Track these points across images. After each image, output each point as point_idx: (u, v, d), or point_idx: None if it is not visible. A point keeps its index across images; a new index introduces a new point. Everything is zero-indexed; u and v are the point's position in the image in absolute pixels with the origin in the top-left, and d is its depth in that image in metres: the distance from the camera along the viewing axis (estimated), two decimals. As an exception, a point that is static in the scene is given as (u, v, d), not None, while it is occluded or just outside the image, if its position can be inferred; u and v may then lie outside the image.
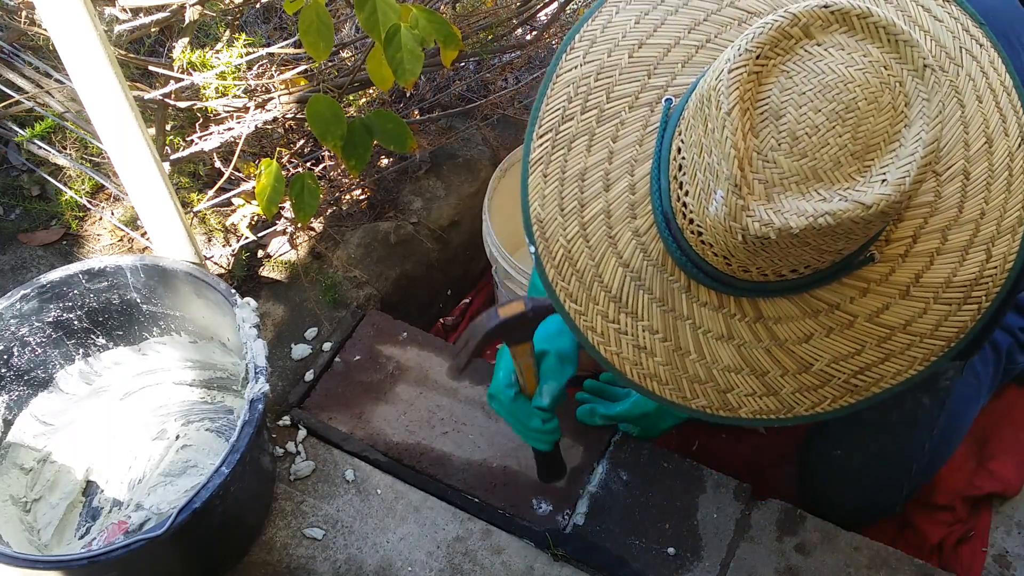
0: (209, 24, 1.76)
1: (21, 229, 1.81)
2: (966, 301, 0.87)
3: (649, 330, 0.92)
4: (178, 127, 1.72)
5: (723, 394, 0.92)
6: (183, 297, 1.43)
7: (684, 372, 0.92)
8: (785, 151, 0.76)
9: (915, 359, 0.89)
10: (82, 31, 1.11)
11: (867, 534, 1.39)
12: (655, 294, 0.91)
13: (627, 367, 0.93)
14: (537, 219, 0.93)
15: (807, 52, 0.77)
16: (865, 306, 0.88)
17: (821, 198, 0.75)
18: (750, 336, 0.90)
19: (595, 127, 0.92)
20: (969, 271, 0.87)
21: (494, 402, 1.27)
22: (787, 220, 0.75)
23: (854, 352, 0.89)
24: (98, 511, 1.42)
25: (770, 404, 0.92)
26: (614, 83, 0.92)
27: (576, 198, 0.92)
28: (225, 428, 1.50)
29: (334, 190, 1.84)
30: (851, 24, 0.77)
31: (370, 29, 1.29)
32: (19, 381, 1.41)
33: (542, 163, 0.93)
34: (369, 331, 1.64)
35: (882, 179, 0.75)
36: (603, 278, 0.92)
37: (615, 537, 1.37)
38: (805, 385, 0.91)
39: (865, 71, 0.76)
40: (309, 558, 1.36)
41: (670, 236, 0.87)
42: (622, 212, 0.91)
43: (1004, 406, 1.62)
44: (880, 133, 0.76)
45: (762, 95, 0.77)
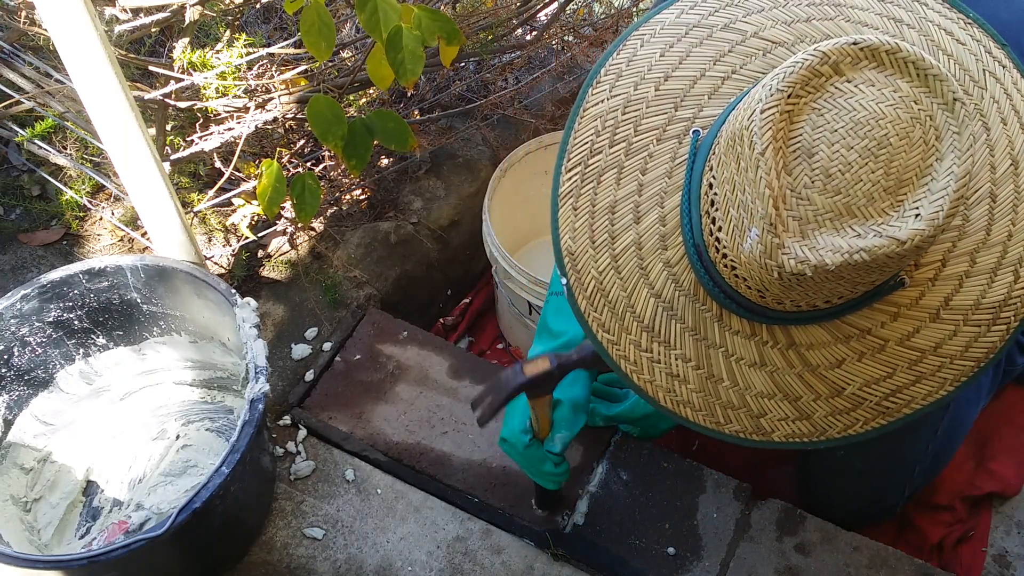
0: (209, 24, 1.76)
1: (21, 229, 1.81)
2: (995, 322, 0.88)
3: (682, 358, 0.93)
4: (178, 127, 1.72)
5: (756, 419, 0.93)
6: (183, 297, 1.43)
7: (717, 399, 0.93)
8: (819, 188, 0.77)
9: (946, 380, 0.90)
10: (82, 31, 1.12)
11: (867, 534, 1.39)
12: (687, 323, 0.92)
13: (660, 395, 0.94)
14: (568, 252, 0.94)
15: (838, 89, 0.78)
16: (896, 330, 0.89)
17: (856, 234, 0.76)
18: (783, 363, 0.91)
19: (624, 160, 0.93)
20: (998, 292, 0.88)
21: (506, 446, 1.29)
22: (823, 257, 0.76)
23: (885, 376, 0.90)
24: (98, 511, 1.42)
25: (803, 428, 0.93)
26: (641, 116, 0.93)
27: (607, 231, 0.93)
28: (225, 428, 1.50)
29: (334, 190, 1.84)
30: (880, 60, 0.78)
31: (371, 29, 1.29)
32: (19, 381, 1.41)
33: (572, 196, 0.94)
34: (370, 330, 1.64)
35: (916, 214, 0.76)
36: (635, 308, 0.93)
37: (615, 537, 1.37)
38: (837, 409, 0.92)
39: (896, 107, 0.77)
40: (309, 558, 1.36)
41: (702, 268, 0.88)
42: (653, 244, 0.92)
43: (1004, 406, 1.62)
44: (912, 168, 0.77)
45: (794, 133, 0.78)
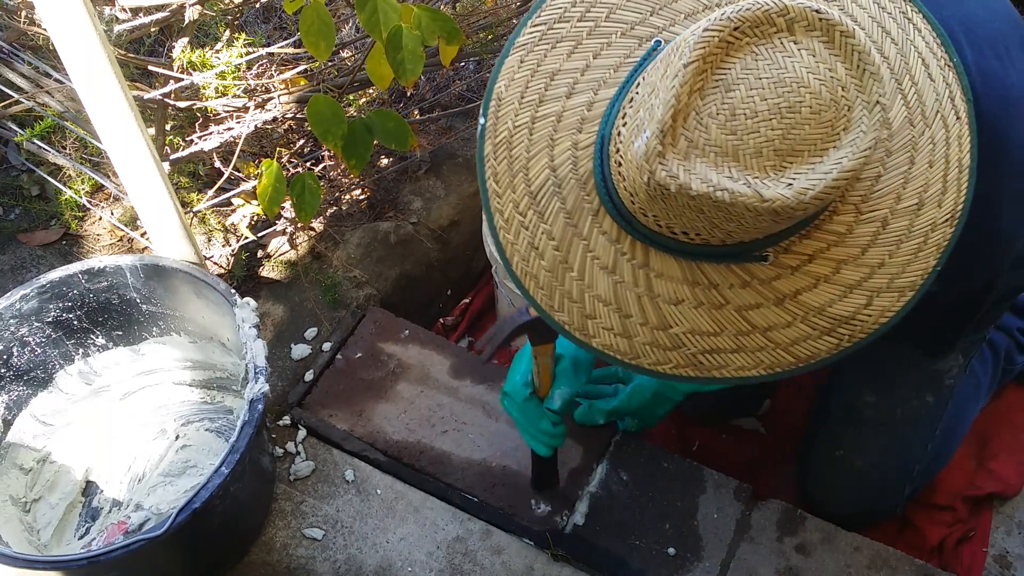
0: (209, 24, 1.76)
1: (21, 229, 1.81)
2: (829, 333, 0.91)
3: (547, 234, 0.95)
4: (178, 127, 1.72)
5: (585, 319, 0.96)
6: (183, 297, 1.43)
7: (560, 284, 0.96)
8: (720, 122, 0.79)
9: (761, 362, 0.93)
10: (82, 31, 1.11)
11: (867, 534, 1.39)
12: (566, 205, 0.95)
13: (516, 259, 0.97)
14: (498, 96, 0.97)
15: (781, 44, 0.80)
16: (740, 297, 0.91)
17: (729, 176, 0.79)
18: (630, 278, 0.93)
19: (584, 38, 0.96)
20: (844, 308, 0.90)
21: (506, 400, 1.30)
22: (690, 180, 0.79)
23: (712, 332, 0.93)
24: (98, 511, 1.42)
25: (621, 344, 0.96)
26: (618, 6, 0.96)
27: (539, 92, 0.96)
28: (225, 428, 1.50)
29: (334, 190, 1.84)
30: (832, 37, 0.80)
31: (371, 29, 1.29)
32: (19, 381, 1.41)
33: (524, 49, 0.97)
34: (371, 328, 1.64)
35: (789, 183, 0.78)
36: (529, 172, 0.96)
37: (615, 537, 1.37)
38: (658, 342, 0.94)
39: (823, 83, 0.79)
40: (309, 558, 1.36)
41: (599, 159, 0.91)
42: (572, 122, 0.95)
43: (1004, 406, 1.62)
44: (810, 143, 0.79)
45: (725, 65, 0.80)
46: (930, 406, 1.37)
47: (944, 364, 1.34)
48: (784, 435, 1.64)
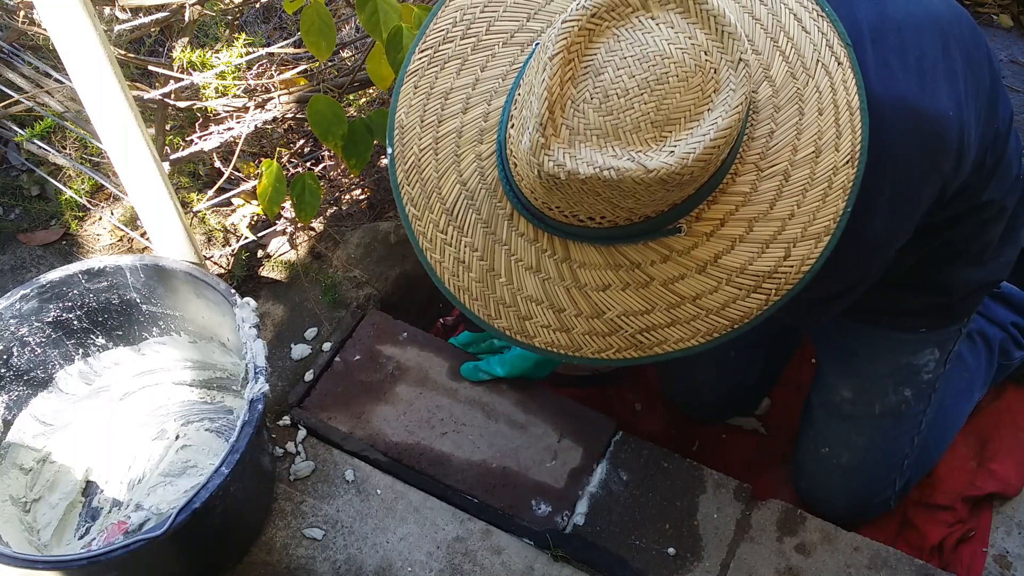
0: (209, 24, 1.76)
1: (21, 229, 1.81)
2: (755, 290, 0.92)
3: (470, 247, 0.98)
4: (178, 127, 1.72)
5: (523, 320, 0.99)
6: (183, 297, 1.43)
7: (493, 292, 0.98)
8: (595, 105, 0.82)
9: (698, 331, 0.95)
10: (82, 31, 1.11)
11: (867, 534, 1.39)
12: (482, 216, 0.97)
13: (446, 276, 1.00)
14: (400, 125, 1.00)
15: (639, 22, 0.83)
16: (663, 271, 0.93)
17: (613, 154, 0.82)
18: (555, 273, 0.96)
19: (469, 54, 0.99)
20: (765, 263, 0.92)
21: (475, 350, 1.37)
22: (577, 166, 0.81)
23: (644, 311, 0.95)
24: (98, 511, 1.42)
25: (562, 339, 0.98)
26: (496, 18, 0.99)
27: (436, 113, 0.99)
28: (225, 428, 1.50)
29: (334, 190, 1.84)
30: (687, 7, 0.83)
31: (371, 29, 1.29)
32: (19, 381, 1.41)
33: (416, 75, 1.00)
34: (369, 331, 1.64)
35: (671, 151, 0.81)
36: (442, 191, 0.99)
37: (615, 537, 1.37)
38: (595, 330, 0.97)
39: (685, 51, 0.82)
40: (309, 558, 1.36)
41: (501, 165, 0.93)
42: (472, 135, 0.97)
43: (1004, 406, 1.62)
44: (683, 110, 0.82)
45: (590, 51, 0.83)
46: (910, 400, 1.37)
47: (919, 358, 1.35)
48: (784, 435, 1.64)
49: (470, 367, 1.54)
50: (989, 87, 1.12)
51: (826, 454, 1.45)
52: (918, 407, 1.39)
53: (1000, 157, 1.17)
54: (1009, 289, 1.63)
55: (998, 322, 1.59)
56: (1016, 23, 2.47)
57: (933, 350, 1.35)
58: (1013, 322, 1.60)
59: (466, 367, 1.54)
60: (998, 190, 1.19)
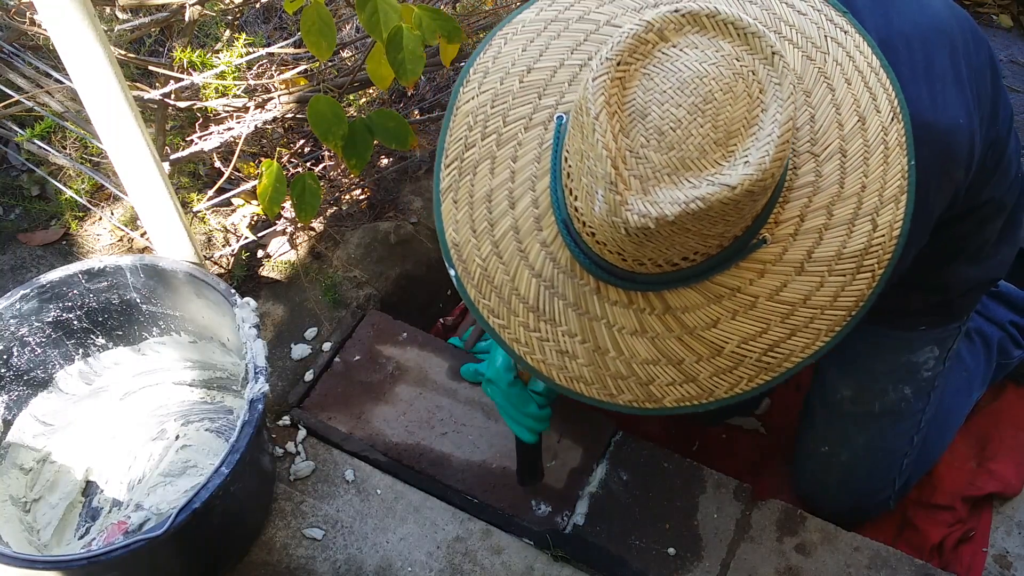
0: (209, 24, 1.76)
1: (21, 229, 1.81)
2: (859, 271, 0.91)
3: (568, 334, 0.96)
4: (178, 127, 1.72)
5: (646, 387, 0.97)
6: (183, 297, 1.43)
7: (607, 370, 0.97)
8: (654, 146, 0.81)
9: (820, 331, 0.93)
10: (82, 31, 1.11)
11: (867, 534, 1.39)
12: (569, 299, 0.96)
13: (553, 372, 0.98)
14: (453, 243, 0.99)
15: (664, 54, 0.83)
16: (764, 286, 0.92)
17: (691, 185, 0.81)
18: (661, 328, 0.94)
19: (496, 151, 0.98)
20: (858, 242, 0.91)
21: (490, 387, 1.31)
22: (662, 209, 0.80)
23: (761, 331, 0.93)
24: (98, 511, 1.42)
25: (691, 391, 0.96)
26: (509, 107, 0.98)
27: (486, 219, 0.98)
28: (225, 428, 1.50)
29: (334, 190, 1.84)
30: (702, 24, 0.83)
31: (371, 30, 1.29)
32: (19, 381, 1.41)
33: (451, 191, 0.99)
34: (369, 331, 1.64)
35: (745, 161, 0.80)
36: (519, 290, 0.97)
37: (615, 537, 1.37)
38: (720, 368, 0.95)
39: (718, 65, 0.82)
40: (309, 558, 1.36)
41: (572, 242, 0.92)
42: (529, 226, 0.96)
43: (1004, 406, 1.62)
44: (739, 120, 0.81)
45: (627, 98, 0.82)
46: (909, 398, 1.38)
47: (919, 356, 1.36)
48: (784, 435, 1.64)
49: (470, 369, 1.53)
50: (991, 91, 1.12)
51: (826, 453, 1.45)
52: (918, 405, 1.39)
53: (1000, 157, 1.17)
54: (1007, 288, 1.63)
55: (996, 321, 1.59)
56: (1016, 23, 2.47)
57: (932, 348, 1.35)
58: (1012, 321, 1.60)
59: (466, 368, 1.54)
60: (997, 189, 1.19)
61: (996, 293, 1.62)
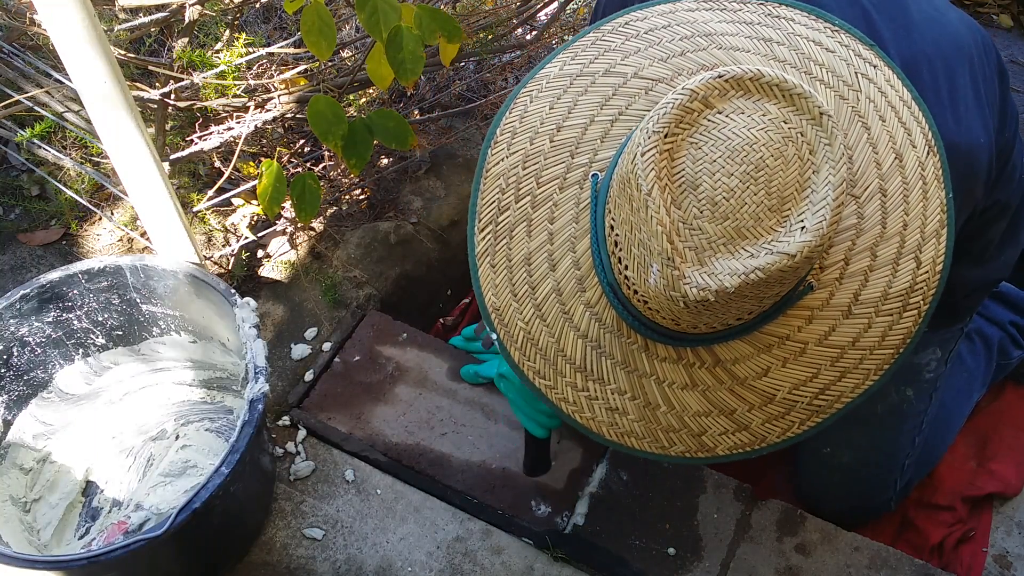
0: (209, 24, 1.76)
1: (21, 229, 1.81)
2: (906, 309, 0.92)
3: (617, 392, 0.96)
4: (178, 127, 1.72)
5: (698, 437, 0.97)
6: (183, 297, 1.43)
7: (657, 424, 0.97)
8: (708, 217, 0.81)
9: (869, 371, 0.93)
10: (82, 31, 1.11)
11: (867, 534, 1.39)
12: (616, 358, 0.96)
13: (604, 429, 0.98)
14: (494, 308, 0.98)
15: (711, 122, 0.82)
16: (813, 332, 0.92)
17: (749, 255, 0.80)
18: (712, 380, 0.94)
19: (531, 213, 0.97)
20: (903, 281, 0.91)
21: (503, 382, 1.31)
22: (722, 281, 0.80)
23: (811, 376, 0.93)
24: (98, 511, 1.42)
25: (743, 439, 0.96)
26: (541, 168, 0.97)
27: (526, 282, 0.97)
28: (225, 428, 1.50)
29: (334, 190, 1.84)
30: (746, 88, 0.82)
31: (371, 30, 1.29)
32: (19, 381, 1.41)
33: (488, 255, 0.98)
34: (369, 331, 1.64)
35: (801, 227, 0.80)
36: (565, 352, 0.97)
37: (615, 537, 1.37)
38: (772, 415, 0.95)
39: (767, 129, 0.81)
40: (309, 558, 1.36)
41: (619, 304, 0.92)
42: (572, 288, 0.96)
43: (1004, 406, 1.63)
44: (792, 184, 0.81)
45: (677, 169, 0.81)
46: (911, 399, 1.38)
47: (921, 357, 1.36)
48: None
49: (470, 371, 1.53)
50: (999, 99, 1.12)
51: (827, 454, 1.45)
52: (919, 406, 1.39)
53: (1007, 161, 1.18)
54: (1007, 289, 1.63)
55: (997, 321, 1.59)
56: (1016, 23, 2.47)
57: (935, 349, 1.35)
58: (1012, 321, 1.60)
59: (465, 370, 1.54)
60: (1003, 192, 1.19)
61: (996, 294, 1.62)
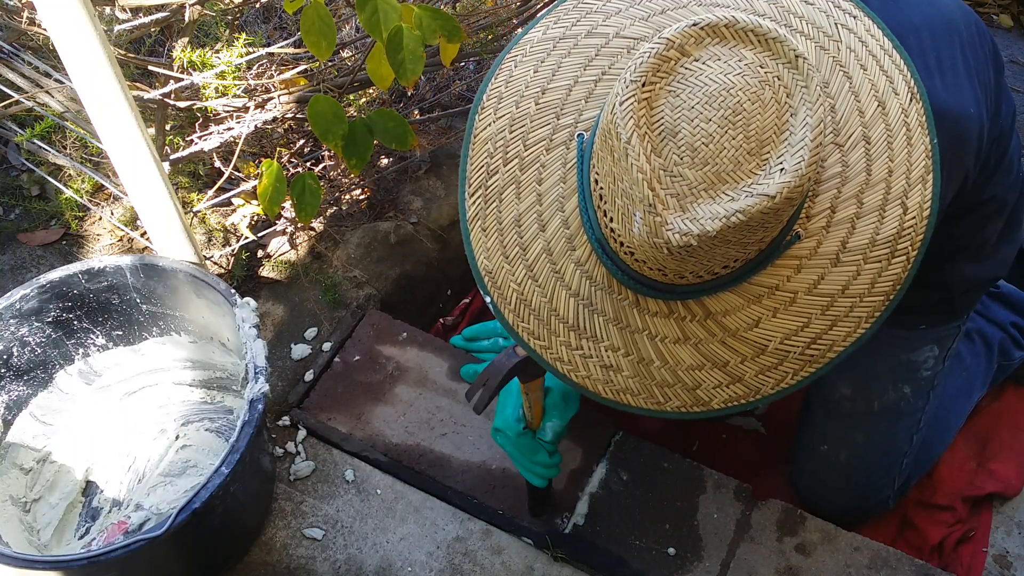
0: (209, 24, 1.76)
1: (21, 229, 1.81)
2: (894, 255, 0.92)
3: (611, 348, 0.97)
4: (178, 127, 1.72)
5: (692, 391, 0.97)
6: (183, 297, 1.43)
7: (652, 380, 0.97)
8: (688, 163, 0.81)
9: (860, 319, 0.94)
10: (82, 31, 1.11)
11: (867, 534, 1.39)
12: (608, 315, 0.96)
13: (599, 387, 0.99)
14: (486, 271, 0.99)
15: (688, 69, 0.83)
16: (803, 281, 0.92)
17: (730, 198, 0.81)
18: (704, 333, 0.95)
19: (519, 175, 0.98)
20: (890, 227, 0.91)
21: (499, 436, 1.31)
22: (703, 225, 0.80)
23: (802, 326, 0.94)
24: (98, 511, 1.42)
25: (738, 391, 0.97)
26: (528, 130, 0.98)
27: (517, 244, 0.98)
28: (225, 428, 1.50)
29: (334, 190, 1.84)
30: (722, 35, 0.83)
31: (371, 30, 1.29)
32: (19, 381, 1.41)
33: (479, 219, 0.99)
34: (369, 331, 1.64)
35: (780, 168, 0.80)
36: (558, 311, 0.97)
37: (615, 537, 1.37)
38: (765, 366, 0.96)
39: (743, 74, 0.82)
40: (309, 558, 1.36)
41: (608, 259, 0.92)
42: (562, 247, 0.96)
43: (1004, 406, 1.62)
44: (770, 127, 0.81)
45: (655, 117, 0.82)
46: (909, 397, 1.38)
47: (918, 355, 1.36)
48: (784, 435, 1.64)
49: (470, 370, 1.53)
50: (994, 85, 1.13)
51: (825, 452, 1.45)
52: (917, 404, 1.39)
53: (1004, 154, 1.18)
54: (1008, 289, 1.63)
55: (997, 322, 1.59)
56: (1016, 23, 2.47)
57: (932, 347, 1.35)
58: (1013, 322, 1.60)
59: (466, 370, 1.54)
60: (1000, 187, 1.19)
61: (997, 294, 1.62)
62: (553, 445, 1.30)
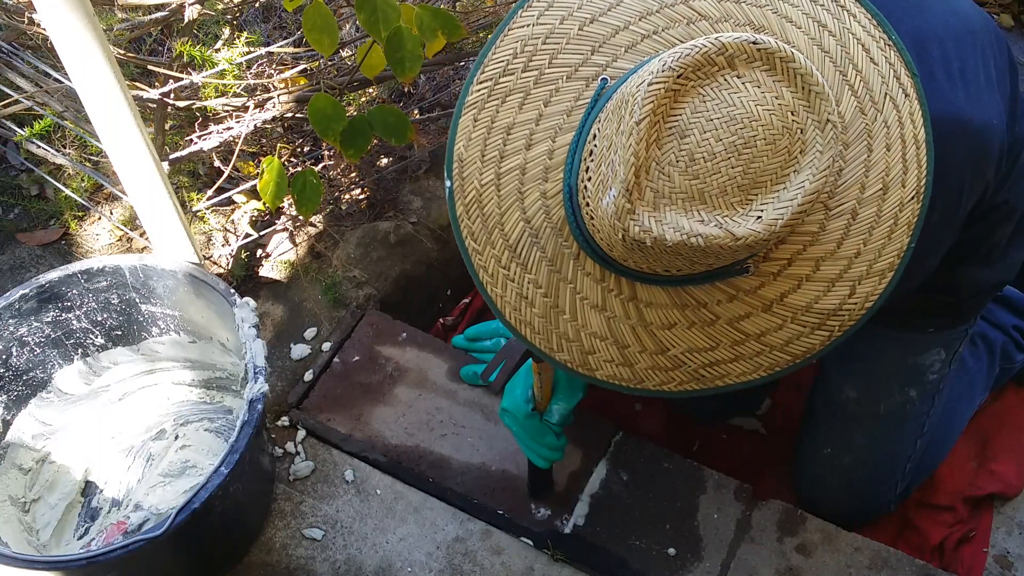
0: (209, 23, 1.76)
1: (20, 228, 1.81)
2: (820, 327, 0.93)
3: (534, 283, 0.97)
4: (178, 127, 1.71)
5: (585, 355, 0.98)
6: (182, 297, 1.43)
7: (556, 327, 0.98)
8: (681, 169, 0.81)
9: (760, 366, 0.95)
10: (82, 31, 1.11)
11: (868, 534, 1.39)
12: (547, 254, 0.96)
13: (507, 310, 0.99)
14: (459, 158, 0.98)
15: (726, 82, 0.81)
16: (729, 310, 0.93)
17: (700, 219, 0.81)
18: (621, 312, 0.95)
19: (532, 87, 0.96)
20: (830, 301, 0.92)
21: (507, 416, 1.31)
22: (664, 232, 0.80)
23: (709, 348, 0.95)
24: (97, 511, 1.42)
25: (624, 373, 0.98)
26: (559, 51, 0.96)
27: (498, 148, 0.97)
28: (224, 428, 1.50)
29: (334, 189, 1.84)
30: (773, 65, 0.81)
31: (371, 29, 1.29)
32: (18, 381, 1.40)
33: (475, 108, 0.97)
34: (368, 331, 1.63)
35: (758, 216, 0.80)
36: (504, 227, 0.97)
37: (615, 538, 1.37)
38: (659, 365, 0.97)
39: (772, 112, 0.81)
40: (308, 559, 1.36)
41: (570, 208, 0.92)
42: (536, 172, 0.95)
43: (1005, 406, 1.62)
44: (770, 173, 0.81)
45: (674, 112, 0.81)
46: (914, 401, 1.37)
47: (925, 358, 1.35)
48: (784, 435, 1.64)
49: (469, 372, 1.53)
50: (1010, 92, 1.13)
51: (828, 455, 1.44)
52: (922, 408, 1.39)
53: (1017, 159, 1.18)
54: (1011, 292, 1.62)
55: (999, 325, 1.58)
56: (1016, 23, 2.47)
57: (939, 350, 1.34)
58: (1015, 325, 1.60)
59: (465, 371, 1.54)
60: (1011, 192, 1.19)
61: (999, 297, 1.61)
62: (560, 427, 1.31)
